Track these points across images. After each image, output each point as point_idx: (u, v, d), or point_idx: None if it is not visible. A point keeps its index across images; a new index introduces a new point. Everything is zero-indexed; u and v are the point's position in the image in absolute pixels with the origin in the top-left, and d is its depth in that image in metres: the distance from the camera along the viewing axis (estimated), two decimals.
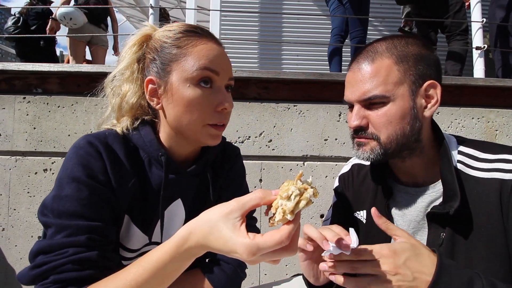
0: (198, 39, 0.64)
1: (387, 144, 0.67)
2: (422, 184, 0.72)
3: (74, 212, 0.54)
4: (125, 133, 0.66)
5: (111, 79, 0.69)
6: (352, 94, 0.69)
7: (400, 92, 0.65)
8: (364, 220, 0.81)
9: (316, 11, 3.97)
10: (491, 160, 0.66)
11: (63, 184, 0.56)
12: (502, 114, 1.70)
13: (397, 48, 0.67)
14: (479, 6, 2.22)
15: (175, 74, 0.62)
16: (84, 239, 0.53)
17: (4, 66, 1.65)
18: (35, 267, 0.51)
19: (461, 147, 0.71)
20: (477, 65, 2.20)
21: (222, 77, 0.64)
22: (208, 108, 0.63)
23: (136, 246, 0.68)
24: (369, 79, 0.66)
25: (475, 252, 0.63)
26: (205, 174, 0.75)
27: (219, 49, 0.65)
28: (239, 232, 0.43)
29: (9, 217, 1.60)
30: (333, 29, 2.75)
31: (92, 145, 0.60)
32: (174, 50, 0.63)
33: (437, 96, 0.68)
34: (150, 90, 0.65)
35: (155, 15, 2.26)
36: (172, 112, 0.64)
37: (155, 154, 0.66)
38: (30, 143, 1.62)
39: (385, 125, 0.66)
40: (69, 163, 0.58)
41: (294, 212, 0.43)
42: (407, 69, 0.66)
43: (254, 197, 0.45)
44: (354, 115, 0.68)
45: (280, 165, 1.64)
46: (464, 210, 0.64)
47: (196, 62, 0.61)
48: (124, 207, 0.63)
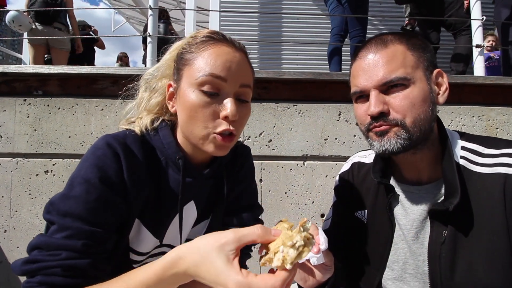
0: (212, 43, 0.62)
1: (412, 129, 0.63)
2: (425, 182, 0.71)
3: (78, 215, 0.53)
4: (143, 134, 0.65)
5: (148, 74, 0.70)
6: (369, 80, 0.65)
7: (418, 75, 0.64)
8: (365, 220, 0.80)
9: (316, 11, 3.96)
10: (495, 155, 0.65)
11: (74, 184, 0.55)
12: (503, 112, 1.69)
13: (404, 38, 0.67)
14: (479, 4, 2.22)
15: (184, 78, 0.62)
16: (81, 245, 0.52)
17: (4, 69, 1.66)
18: (28, 262, 0.51)
19: (464, 142, 0.70)
20: (477, 63, 2.20)
21: (230, 84, 0.60)
22: (211, 116, 0.60)
23: (146, 249, 0.68)
24: (387, 62, 0.64)
25: (477, 249, 0.62)
26: (219, 175, 0.75)
27: (233, 54, 0.62)
28: (232, 266, 0.41)
29: (11, 219, 1.60)
30: (332, 28, 2.75)
31: (111, 146, 0.59)
32: (188, 54, 0.63)
33: (446, 84, 0.68)
34: (169, 94, 0.66)
35: (154, 16, 2.26)
36: (180, 117, 0.63)
37: (173, 156, 0.65)
38: (31, 145, 1.62)
39: (409, 108, 0.63)
40: (85, 163, 0.57)
41: (294, 262, 0.41)
42: (419, 54, 0.66)
43: (252, 232, 0.43)
44: (373, 102, 0.64)
45: (280, 165, 1.64)
46: (465, 207, 0.63)
47: (203, 67, 0.60)
48: (136, 211, 0.62)
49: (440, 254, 0.65)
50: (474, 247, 0.62)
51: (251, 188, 0.84)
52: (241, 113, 0.63)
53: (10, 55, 4.32)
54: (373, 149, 0.68)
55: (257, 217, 0.83)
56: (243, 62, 0.64)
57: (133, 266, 0.67)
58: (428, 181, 0.71)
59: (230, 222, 0.78)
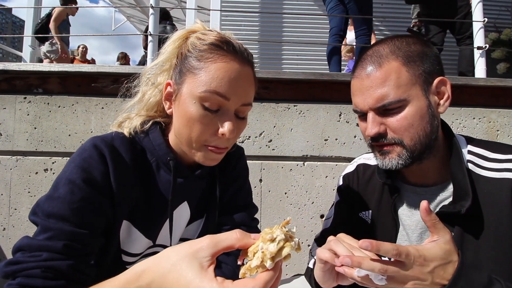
0: (221, 55, 0.59)
1: (412, 147, 0.64)
2: (432, 184, 0.72)
3: (61, 215, 0.52)
4: (132, 135, 0.65)
5: (148, 69, 0.68)
6: (364, 102, 0.66)
7: (414, 92, 0.63)
8: (369, 220, 0.80)
9: (316, 11, 3.96)
10: (501, 160, 0.66)
11: (59, 185, 0.55)
12: (504, 114, 1.69)
13: (401, 49, 0.65)
14: (480, 6, 2.21)
15: (187, 86, 0.60)
16: (62, 246, 0.51)
17: (5, 66, 1.66)
18: (10, 263, 0.50)
19: (470, 146, 0.70)
20: (478, 65, 2.19)
21: (233, 102, 0.60)
22: (208, 130, 0.60)
23: (139, 250, 0.68)
24: (380, 84, 0.63)
25: (483, 251, 0.63)
26: (211, 175, 0.74)
27: (240, 71, 0.60)
28: (205, 274, 0.37)
29: (10, 217, 1.60)
30: (331, 28, 2.71)
31: (97, 148, 0.58)
32: (194, 61, 0.60)
33: (448, 92, 0.67)
34: (166, 93, 0.64)
35: (155, 15, 2.26)
36: (176, 122, 0.63)
37: (164, 158, 0.65)
38: (30, 143, 1.62)
39: (406, 128, 0.63)
40: (71, 165, 0.57)
41: (275, 259, 0.37)
42: (416, 68, 0.64)
43: (230, 237, 0.40)
44: (370, 123, 0.65)
45: (280, 165, 1.64)
46: (474, 210, 0.63)
47: (207, 82, 0.58)
48: (124, 213, 0.62)
49: None
50: (480, 249, 0.63)
51: (245, 188, 0.83)
52: (238, 130, 0.63)
53: (10, 52, 4.32)
54: (377, 163, 0.70)
55: (253, 216, 0.83)
56: (248, 79, 0.63)
57: (125, 267, 0.67)
58: (434, 184, 0.71)
59: (226, 222, 0.78)
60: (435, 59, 0.67)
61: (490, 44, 2.61)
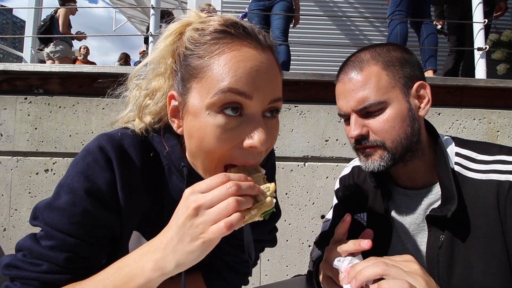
0: (230, 43, 0.46)
1: (394, 149, 0.66)
2: (421, 187, 0.72)
3: (61, 229, 0.49)
4: (144, 135, 0.55)
5: (136, 72, 0.57)
6: (347, 105, 0.68)
7: (394, 95, 0.66)
8: (364, 223, 0.81)
9: (318, 12, 3.97)
10: (488, 161, 0.67)
11: (60, 193, 0.50)
12: (504, 115, 1.69)
13: (381, 55, 0.68)
14: (481, 7, 2.22)
15: (193, 95, 0.47)
16: (63, 258, 0.48)
17: (5, 67, 1.66)
18: (9, 266, 0.49)
19: (458, 148, 0.71)
20: (478, 66, 2.19)
21: (257, 101, 0.45)
22: (229, 145, 0.45)
23: None
24: (361, 87, 0.66)
25: (474, 253, 0.63)
26: None
27: (259, 58, 0.46)
28: None
29: (11, 217, 1.60)
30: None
31: (103, 150, 0.50)
32: (195, 60, 0.47)
33: (428, 95, 0.69)
34: (172, 109, 0.51)
35: (156, 15, 2.26)
36: (189, 143, 0.49)
37: (177, 163, 0.55)
38: (31, 143, 1.62)
39: (387, 130, 0.65)
40: (74, 169, 0.51)
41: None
42: (395, 72, 0.67)
43: None
44: (353, 125, 0.68)
45: (280, 166, 1.64)
46: (462, 213, 0.64)
47: (218, 80, 0.44)
48: (133, 224, 0.56)
49: (438, 258, 0.66)
50: (470, 251, 0.63)
51: None
52: (272, 137, 0.49)
53: (10, 53, 4.32)
54: (361, 165, 0.72)
55: (273, 226, 0.78)
56: (272, 68, 0.48)
57: None
58: (424, 186, 0.72)
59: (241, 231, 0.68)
60: (415, 65, 0.69)
61: (490, 45, 2.62)
